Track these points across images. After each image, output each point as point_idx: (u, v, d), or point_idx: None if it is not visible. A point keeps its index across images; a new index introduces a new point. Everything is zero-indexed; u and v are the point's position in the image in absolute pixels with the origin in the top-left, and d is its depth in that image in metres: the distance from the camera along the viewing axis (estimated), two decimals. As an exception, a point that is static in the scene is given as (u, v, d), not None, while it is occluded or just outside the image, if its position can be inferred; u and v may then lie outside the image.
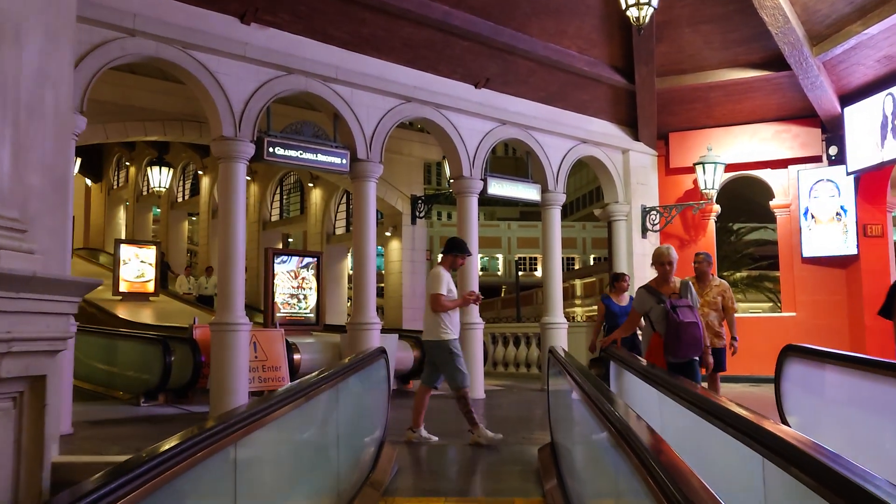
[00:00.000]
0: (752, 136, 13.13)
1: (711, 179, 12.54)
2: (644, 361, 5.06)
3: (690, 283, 6.08)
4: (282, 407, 3.14)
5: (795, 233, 12.87)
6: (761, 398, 10.40)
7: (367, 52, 10.02)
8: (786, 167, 13.04)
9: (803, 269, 12.76)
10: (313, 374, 3.82)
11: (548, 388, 5.87)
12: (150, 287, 17.96)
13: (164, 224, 23.88)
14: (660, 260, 5.96)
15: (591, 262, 54.52)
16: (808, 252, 12.68)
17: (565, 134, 12.40)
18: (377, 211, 17.72)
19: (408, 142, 15.20)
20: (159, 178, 16.54)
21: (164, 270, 19.74)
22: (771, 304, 27.20)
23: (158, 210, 25.79)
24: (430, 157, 15.73)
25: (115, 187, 25.48)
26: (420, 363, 12.06)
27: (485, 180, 11.29)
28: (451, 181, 11.25)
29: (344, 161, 9.70)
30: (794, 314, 12.69)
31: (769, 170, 13.20)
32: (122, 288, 17.80)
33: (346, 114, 9.73)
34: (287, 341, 10.60)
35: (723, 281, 7.67)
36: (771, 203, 13.26)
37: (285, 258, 12.71)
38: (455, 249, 7.03)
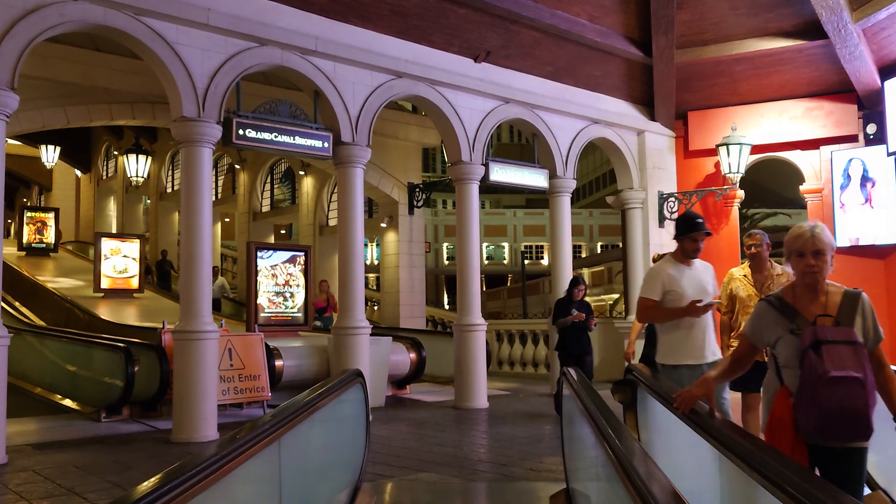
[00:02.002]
0: (781, 114, 11.95)
1: (736, 162, 11.38)
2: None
3: (863, 298, 3.19)
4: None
5: (828, 220, 11.69)
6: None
7: (351, 20, 8.88)
8: (817, 148, 11.86)
9: (837, 260, 11.56)
10: (238, 432, 2.73)
11: (561, 420, 4.78)
12: (135, 283, 16.94)
13: (153, 216, 22.86)
14: (800, 247, 3.13)
15: (599, 251, 53.40)
16: (842, 241, 11.51)
17: (575, 113, 11.25)
18: (371, 200, 16.68)
19: (404, 125, 14.08)
20: (136, 166, 15.45)
21: (166, 270, 18.68)
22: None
23: (150, 201, 24.80)
24: (429, 141, 14.60)
25: (104, 178, 24.47)
26: (418, 366, 11.01)
27: (486, 165, 10.16)
28: (449, 167, 10.13)
29: (326, 144, 8.60)
30: (827, 309, 11.53)
31: (799, 151, 12.02)
32: (104, 284, 16.79)
33: (328, 91, 8.61)
34: (268, 346, 9.54)
35: (786, 268, 4.79)
36: (801, 188, 12.10)
37: (270, 253, 11.63)
38: (685, 229, 4.66)
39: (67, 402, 9.65)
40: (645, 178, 12.16)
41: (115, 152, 22.73)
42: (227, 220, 24.05)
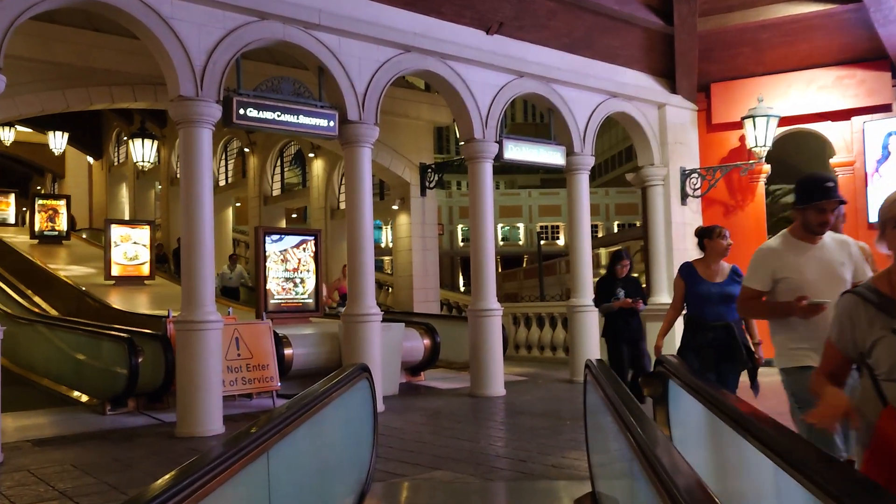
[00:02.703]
0: (809, 84, 11.38)
1: (763, 135, 10.84)
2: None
3: None
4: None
5: (860, 194, 11.16)
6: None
7: (356, -8, 8.44)
8: (849, 119, 11.29)
9: (870, 237, 11.06)
10: (212, 454, 2.35)
11: (585, 415, 4.39)
12: (145, 270, 16.72)
13: (164, 202, 22.60)
14: None
15: (615, 230, 52.76)
16: (876, 216, 10.99)
17: (592, 87, 10.75)
18: (381, 182, 16.26)
19: (414, 103, 13.63)
20: (143, 151, 15.13)
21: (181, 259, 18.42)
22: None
23: (160, 187, 24.56)
24: (441, 120, 14.14)
25: (115, 164, 24.26)
26: (433, 352, 10.66)
27: (500, 143, 9.72)
28: (461, 145, 9.69)
29: (332, 123, 8.19)
30: (859, 288, 11.02)
31: (829, 122, 11.46)
32: (115, 272, 16.58)
33: (333, 67, 8.19)
34: (276, 334, 9.23)
35: (864, 244, 4.05)
36: (831, 161, 11.53)
37: (279, 237, 11.30)
38: (809, 195, 3.54)
39: (74, 394, 9.41)
40: (666, 154, 11.66)
41: (126, 138, 22.48)
42: (238, 204, 23.76)
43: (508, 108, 9.85)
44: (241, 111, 7.53)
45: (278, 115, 7.80)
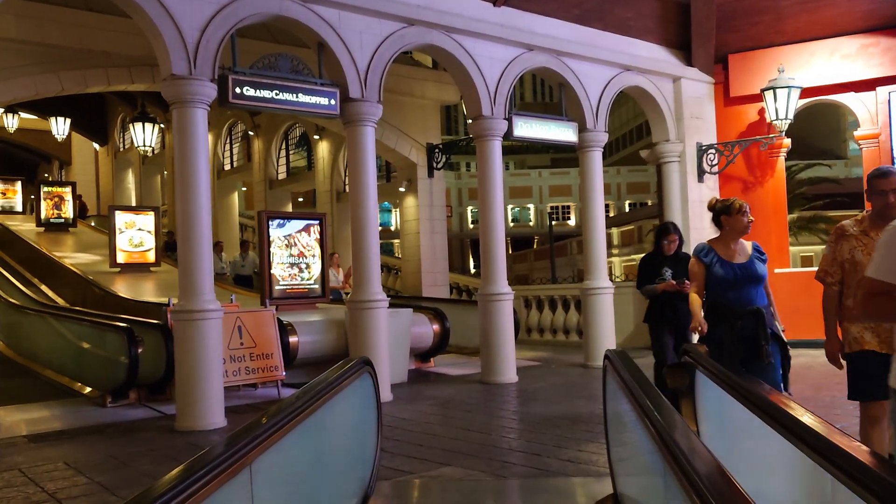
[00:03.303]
0: (832, 53, 10.89)
1: (784, 107, 10.39)
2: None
3: None
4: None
5: (886, 168, 10.70)
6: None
7: (355, -37, 8.04)
8: (873, 89, 10.81)
9: (896, 212, 10.63)
10: (189, 470, 2.04)
11: (605, 409, 4.05)
12: (151, 256, 16.48)
13: (169, 188, 22.34)
14: None
15: (627, 209, 52.22)
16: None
17: (605, 60, 10.32)
18: (388, 164, 15.91)
19: (420, 81, 13.23)
20: (143, 135, 14.83)
21: None
22: (824, 247, 25.04)
23: (167, 172, 24.31)
24: (448, 98, 13.74)
25: (121, 150, 24.03)
26: (442, 337, 10.36)
27: (509, 120, 9.33)
28: (469, 123, 9.32)
29: (333, 102, 7.83)
30: (884, 266, 10.59)
31: (852, 93, 10.98)
32: (120, 259, 16.34)
33: (333, 43, 7.82)
34: (280, 321, 8.94)
35: None
36: (855, 133, 11.09)
37: (283, 222, 10.99)
38: None
39: (76, 386, 9.18)
40: (682, 130, 11.23)
41: (130, 123, 22.23)
42: (244, 189, 23.49)
43: (517, 87, 9.47)
44: (238, 90, 7.18)
45: (276, 94, 7.45)
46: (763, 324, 4.33)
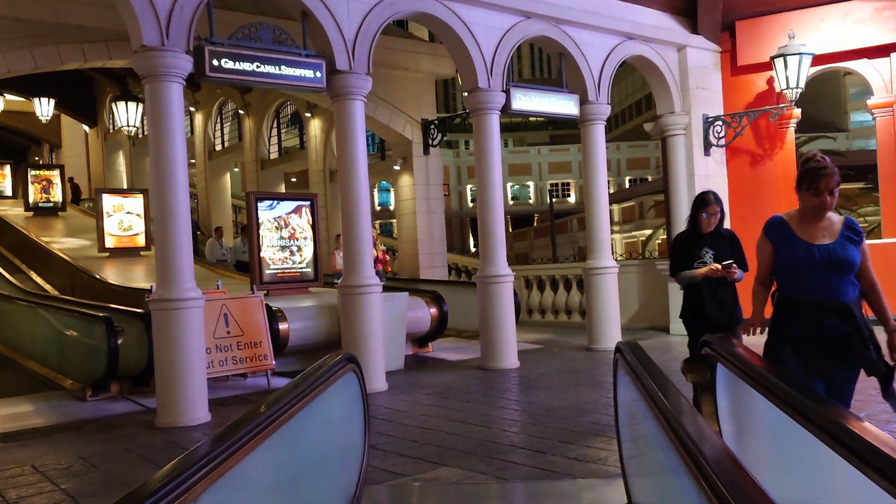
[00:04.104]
0: (844, 18, 10.37)
1: (795, 76, 9.89)
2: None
3: None
4: None
5: (901, 138, 10.25)
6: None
7: (340, -76, 7.51)
8: (888, 55, 10.30)
9: (912, 184, 10.17)
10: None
11: (616, 406, 3.65)
12: (140, 241, 16.05)
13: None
14: None
15: (627, 185, 51.70)
16: (918, 162, 10.09)
17: (607, 28, 9.80)
18: (382, 142, 15.42)
19: (413, 54, 12.70)
20: (126, 115, 14.31)
21: (192, 231, 17.60)
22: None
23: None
24: (443, 71, 13.21)
25: (110, 131, 23.49)
26: (440, 321, 9.96)
27: (507, 92, 8.85)
28: (465, 95, 8.83)
29: (318, 74, 7.35)
30: (900, 240, 10.18)
31: (865, 60, 10.48)
32: (109, 243, 15.93)
33: (317, 11, 7.32)
34: (269, 308, 8.53)
35: None
36: (868, 102, 10.59)
37: (272, 203, 10.53)
38: None
39: (58, 378, 8.79)
40: (687, 101, 10.73)
41: (113, 102, 21.68)
42: (237, 169, 22.99)
43: (515, 62, 8.98)
44: (215, 62, 6.70)
45: (258, 67, 6.97)
46: (854, 321, 3.42)
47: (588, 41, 9.61)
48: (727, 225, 5.66)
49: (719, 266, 4.72)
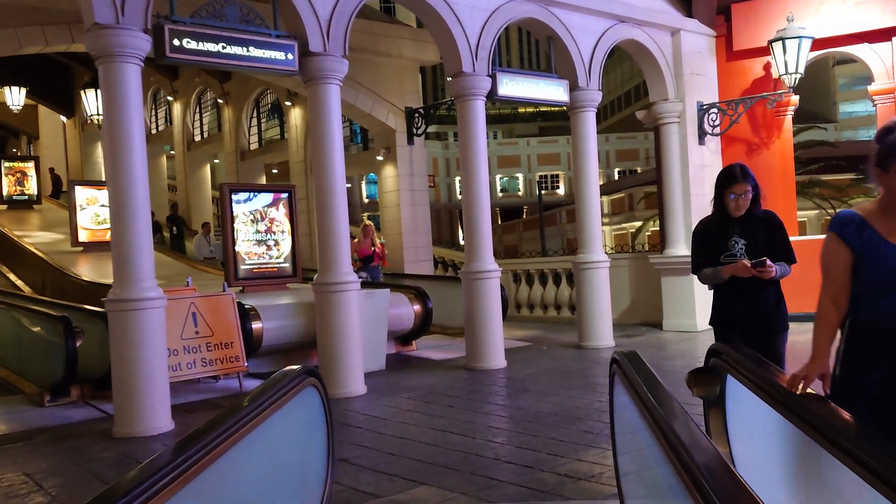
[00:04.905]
0: (845, 0, 9.95)
1: (794, 61, 9.48)
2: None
3: None
4: None
5: (903, 126, 9.84)
6: None
7: None
8: (889, 39, 9.90)
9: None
10: None
11: (612, 423, 3.20)
12: (116, 235, 15.42)
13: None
14: None
15: (616, 177, 51.40)
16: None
17: (597, 10, 9.35)
18: (364, 131, 14.90)
19: (397, 40, 12.19)
20: (96, 103, 13.72)
21: (177, 227, 16.97)
22: (818, 212, 24.34)
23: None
24: (428, 58, 12.71)
25: (88, 122, 22.82)
26: (424, 318, 9.51)
27: (493, 77, 8.37)
28: (449, 80, 8.36)
29: (290, 56, 6.85)
30: (901, 232, 9.78)
31: (866, 44, 10.07)
32: (82, 237, 15.40)
33: (289, -12, 6.81)
34: (242, 306, 8.05)
35: None
36: (869, 88, 10.19)
37: (248, 195, 10.03)
38: None
39: (18, 382, 8.27)
40: (682, 88, 10.30)
41: (82, 90, 21.05)
42: (217, 161, 22.40)
43: (503, 50, 8.49)
44: (176, 42, 6.18)
45: (223, 48, 6.46)
46: None
47: (578, 24, 9.15)
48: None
49: (748, 263, 3.70)
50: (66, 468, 5.07)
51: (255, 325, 8.06)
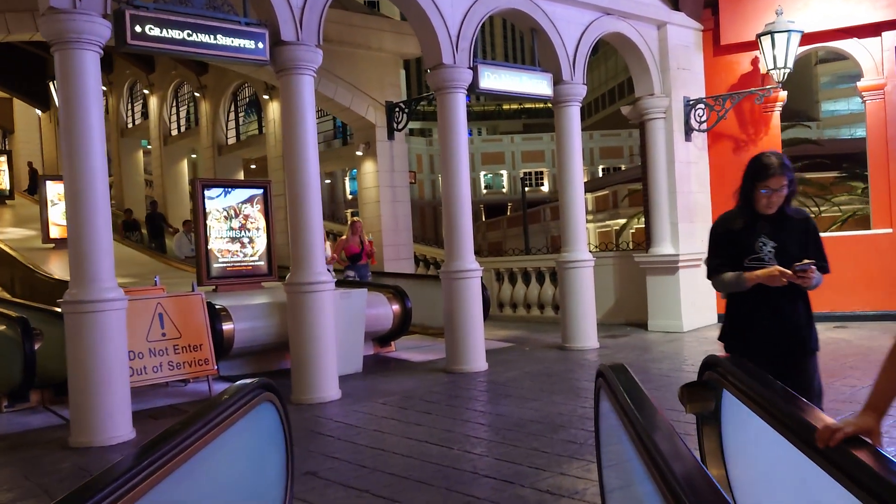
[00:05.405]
0: (834, -6, 9.77)
1: (783, 55, 9.27)
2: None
3: None
4: None
5: (892, 122, 9.69)
6: (866, 350, 7.54)
7: None
8: (878, 34, 9.72)
9: (902, 172, 9.61)
10: None
11: (598, 440, 2.93)
12: (88, 231, 14.99)
13: (115, 155, 20.75)
14: None
15: (600, 174, 51.30)
16: (911, 148, 9.53)
17: (582, 2, 9.09)
18: (345, 125, 14.58)
19: (377, 32, 11.87)
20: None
21: (157, 224, 16.50)
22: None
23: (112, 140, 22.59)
24: (409, 51, 12.41)
25: (62, 115, 22.24)
26: (403, 319, 9.22)
27: (474, 70, 8.09)
28: (428, 72, 8.06)
29: (261, 45, 6.52)
30: (889, 230, 9.63)
31: (855, 40, 9.88)
32: (54, 234, 14.97)
33: (260, -27, 6.48)
34: (212, 306, 7.72)
35: None
36: (858, 84, 10.00)
37: (222, 191, 9.69)
38: None
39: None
40: (668, 82, 10.06)
41: (49, 81, 20.53)
42: (194, 156, 21.96)
43: (487, 45, 8.19)
44: (138, 28, 5.84)
45: (189, 35, 6.12)
46: None
47: (562, 15, 8.89)
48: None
49: (780, 268, 3.05)
50: (15, 481, 4.74)
51: (226, 326, 7.74)
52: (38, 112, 24.31)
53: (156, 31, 5.94)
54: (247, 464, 2.70)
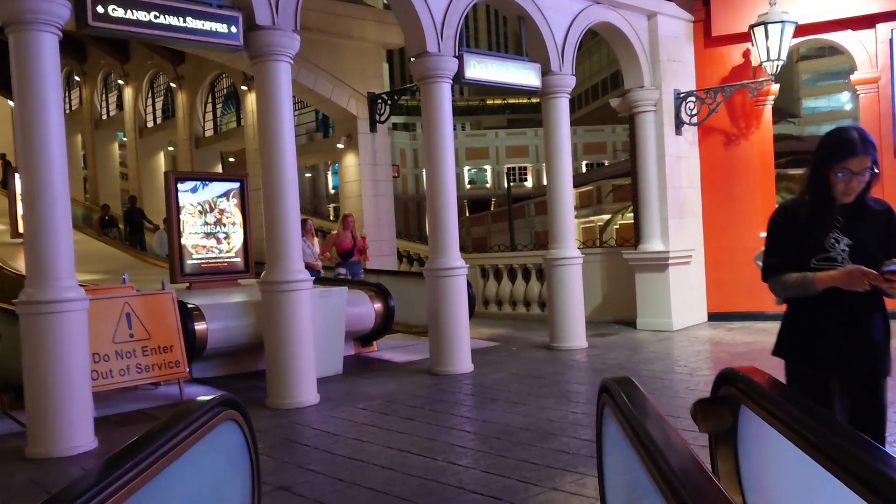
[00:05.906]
0: (828, -15, 9.54)
1: (776, 47, 9.02)
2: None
3: None
4: None
5: (886, 117, 9.49)
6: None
7: None
8: (872, 26, 9.51)
9: (895, 168, 9.41)
10: None
11: (601, 464, 2.61)
12: (60, 226, 14.50)
13: (89, 148, 20.23)
14: None
15: (584, 170, 51.19)
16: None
17: (572, -10, 8.78)
18: (326, 117, 14.21)
19: (359, 21, 11.50)
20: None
21: (136, 221, 15.99)
22: (787, 207, 24.26)
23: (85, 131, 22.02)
24: (392, 40, 12.05)
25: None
26: (385, 317, 8.89)
27: (460, 58, 7.76)
28: (412, 61, 7.72)
29: (234, 30, 6.15)
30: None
31: (849, 32, 9.67)
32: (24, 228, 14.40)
33: (233, -47, 6.11)
34: (184, 305, 7.35)
35: None
36: (851, 78, 9.80)
37: (197, 185, 9.30)
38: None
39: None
40: (658, 74, 9.79)
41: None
42: (171, 148, 21.45)
43: (470, 33, 7.88)
44: (100, 9, 5.45)
45: (156, 17, 5.73)
46: None
47: (551, 4, 8.58)
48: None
49: (862, 268, 2.49)
50: (-40, 500, 4.36)
51: (199, 326, 7.37)
52: (11, 103, 23.64)
53: (119, 12, 5.55)
54: (205, 491, 2.37)
